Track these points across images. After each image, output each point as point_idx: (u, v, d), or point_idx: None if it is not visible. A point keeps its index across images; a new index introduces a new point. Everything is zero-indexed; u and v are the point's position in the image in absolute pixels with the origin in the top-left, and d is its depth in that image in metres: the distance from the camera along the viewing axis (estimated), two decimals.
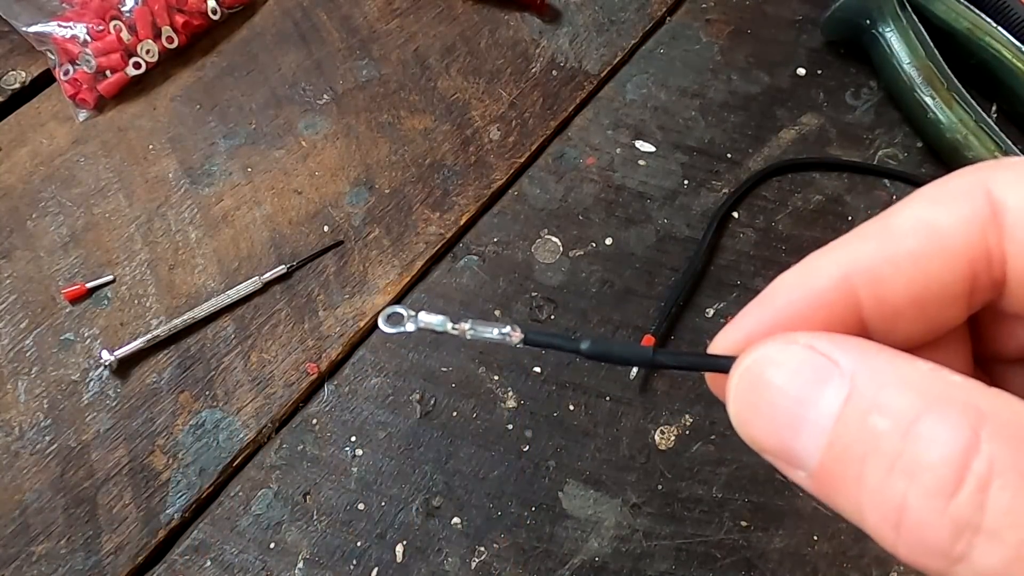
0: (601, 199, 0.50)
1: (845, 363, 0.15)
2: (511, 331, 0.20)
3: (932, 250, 0.16)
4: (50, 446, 0.42)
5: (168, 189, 0.50)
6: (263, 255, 0.48)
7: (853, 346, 0.15)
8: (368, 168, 0.51)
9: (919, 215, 0.16)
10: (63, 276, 0.47)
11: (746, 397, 0.16)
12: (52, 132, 0.52)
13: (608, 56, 0.56)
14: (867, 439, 0.14)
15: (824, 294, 0.17)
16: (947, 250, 0.16)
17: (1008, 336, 0.18)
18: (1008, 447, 0.13)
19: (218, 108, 0.53)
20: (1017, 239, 0.15)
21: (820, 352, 0.15)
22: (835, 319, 0.17)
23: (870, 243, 0.16)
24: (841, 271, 0.17)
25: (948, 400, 0.14)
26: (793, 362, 0.15)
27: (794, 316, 0.17)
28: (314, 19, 0.57)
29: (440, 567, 0.40)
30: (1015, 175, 0.16)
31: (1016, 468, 0.13)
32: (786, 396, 0.15)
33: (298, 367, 0.44)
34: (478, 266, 0.48)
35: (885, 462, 0.14)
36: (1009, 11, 0.52)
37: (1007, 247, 0.16)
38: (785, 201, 0.50)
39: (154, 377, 0.44)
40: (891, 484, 0.14)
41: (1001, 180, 0.16)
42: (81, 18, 0.52)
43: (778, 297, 0.18)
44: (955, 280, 0.16)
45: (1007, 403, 0.14)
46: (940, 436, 0.13)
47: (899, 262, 0.16)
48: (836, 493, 0.15)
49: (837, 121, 0.54)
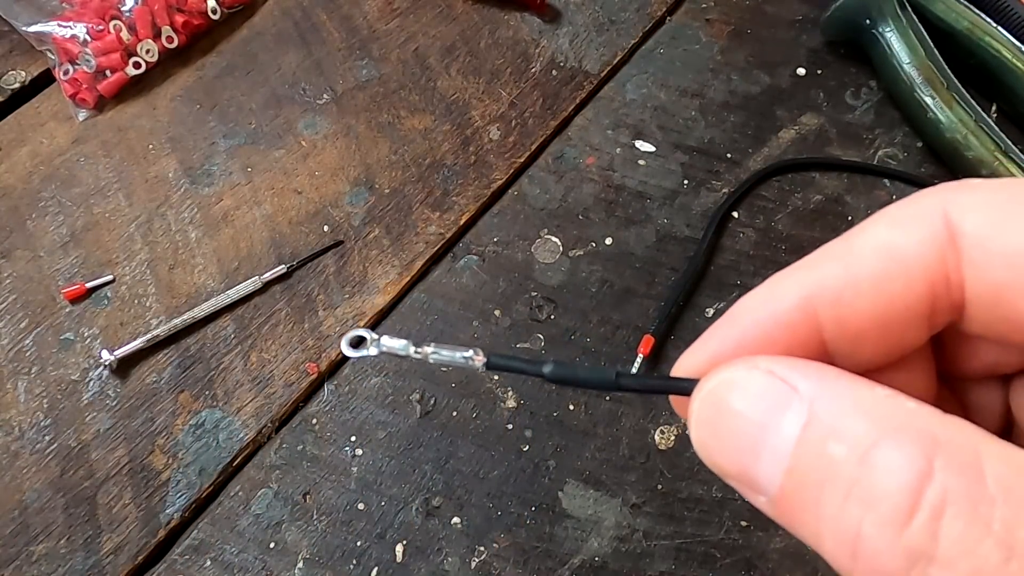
0: (601, 199, 0.50)
1: (804, 388, 0.15)
2: (474, 355, 0.19)
3: (892, 273, 0.16)
4: (50, 446, 0.42)
5: (168, 189, 0.50)
6: (263, 255, 0.48)
7: (813, 371, 0.15)
8: (368, 168, 0.51)
9: (880, 238, 0.16)
10: (63, 276, 0.47)
11: (708, 421, 0.16)
12: (52, 132, 0.52)
13: (608, 56, 0.56)
14: (825, 466, 0.14)
15: (786, 316, 0.17)
16: (907, 273, 0.16)
17: (970, 355, 0.18)
18: (961, 476, 0.13)
19: (218, 108, 0.53)
20: (974, 264, 0.15)
21: (780, 377, 0.15)
22: (797, 341, 0.17)
23: (831, 265, 0.17)
24: (803, 293, 0.17)
25: (904, 428, 0.14)
26: (754, 387, 0.15)
27: (757, 339, 0.17)
28: (314, 19, 0.57)
29: (440, 567, 0.40)
30: (973, 199, 0.16)
31: (969, 497, 0.13)
32: (747, 421, 0.15)
33: (298, 367, 0.44)
34: (478, 266, 0.48)
35: (842, 489, 0.14)
36: (1009, 11, 0.52)
37: (965, 271, 0.16)
38: (785, 201, 0.50)
39: (154, 377, 0.44)
40: (847, 512, 0.14)
41: (959, 203, 0.16)
42: (81, 18, 0.52)
43: (740, 319, 0.18)
44: (915, 303, 0.16)
45: (962, 430, 0.14)
46: (895, 464, 0.13)
47: (859, 285, 0.16)
48: (795, 519, 0.15)
49: (837, 121, 0.54)
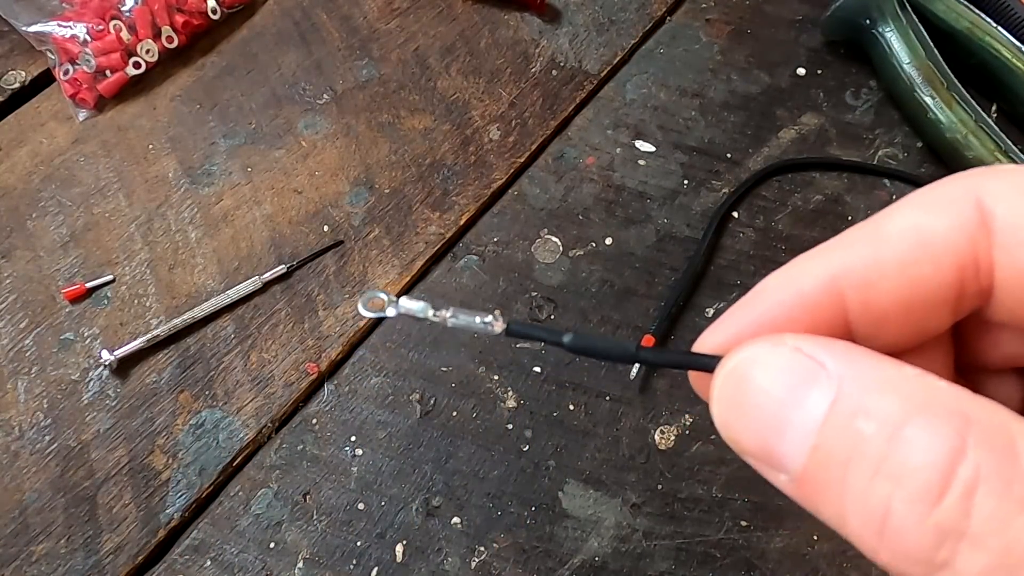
0: (601, 199, 0.50)
1: (832, 366, 0.14)
2: (493, 320, 0.19)
3: (921, 257, 0.16)
4: (50, 446, 0.42)
5: (168, 189, 0.50)
6: (263, 255, 0.48)
7: (840, 350, 0.15)
8: (368, 168, 0.51)
9: (909, 221, 0.16)
10: (63, 276, 0.47)
11: (730, 398, 0.16)
12: (52, 132, 0.52)
13: (608, 56, 0.56)
14: (852, 443, 0.14)
15: (811, 296, 0.17)
16: (935, 258, 0.16)
17: (992, 345, 0.18)
18: (994, 454, 0.13)
19: (218, 108, 0.53)
20: (1006, 249, 0.15)
21: (807, 354, 0.15)
22: (821, 322, 0.17)
23: (859, 247, 0.16)
24: (829, 274, 0.17)
25: (935, 406, 0.13)
26: (779, 364, 0.15)
27: (780, 317, 0.17)
28: (314, 19, 0.57)
29: (440, 567, 0.40)
30: (1006, 184, 0.16)
31: (1002, 475, 0.13)
32: (771, 398, 0.15)
33: (298, 367, 0.44)
34: (478, 266, 0.48)
35: (870, 466, 0.13)
36: (1009, 11, 0.52)
37: (996, 256, 0.15)
38: (785, 201, 0.50)
39: (154, 377, 0.44)
40: (875, 489, 0.13)
41: (992, 189, 0.16)
42: (81, 18, 0.52)
43: (765, 298, 0.17)
44: (942, 287, 0.16)
45: (994, 410, 0.13)
46: (926, 441, 0.13)
47: (887, 268, 0.16)
48: (819, 498, 0.15)
49: (837, 121, 0.54)
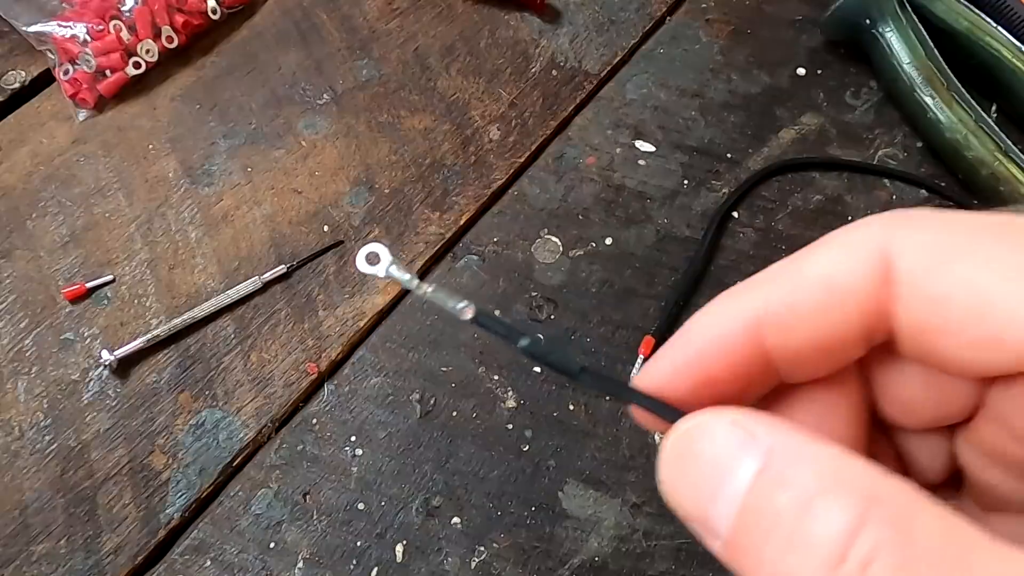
0: (601, 199, 0.50)
1: (763, 439, 0.16)
2: (464, 307, 0.20)
3: (830, 303, 0.17)
4: (50, 446, 0.42)
5: (168, 189, 0.50)
6: (263, 255, 0.48)
7: (772, 424, 0.16)
8: (368, 168, 0.51)
9: (821, 267, 0.17)
10: (63, 276, 0.47)
11: (675, 464, 0.17)
12: (52, 132, 0.52)
13: (608, 56, 0.56)
14: (771, 513, 0.15)
15: (734, 337, 0.18)
16: (843, 304, 0.17)
17: (911, 406, 0.19)
18: (893, 531, 0.13)
19: (218, 108, 0.53)
20: (904, 302, 0.16)
21: (743, 427, 0.16)
22: (744, 360, 0.18)
23: (776, 290, 0.18)
24: (749, 316, 0.18)
25: (844, 481, 0.14)
26: (719, 434, 0.16)
27: (708, 356, 0.18)
28: (314, 19, 0.57)
29: (440, 567, 0.40)
30: (913, 238, 0.16)
31: (897, 552, 0.13)
32: (709, 465, 0.16)
33: (298, 367, 0.44)
34: (478, 266, 0.48)
35: (784, 536, 0.15)
36: (1009, 11, 0.52)
37: (896, 307, 0.17)
38: (785, 201, 0.50)
39: (154, 377, 0.44)
40: (786, 558, 0.14)
41: (899, 240, 0.16)
42: (81, 18, 0.52)
43: (694, 337, 0.19)
44: (851, 331, 0.17)
45: (900, 490, 0.14)
46: (831, 515, 0.14)
47: (800, 312, 0.17)
48: (742, 563, 0.15)
49: (837, 121, 0.54)
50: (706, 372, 0.18)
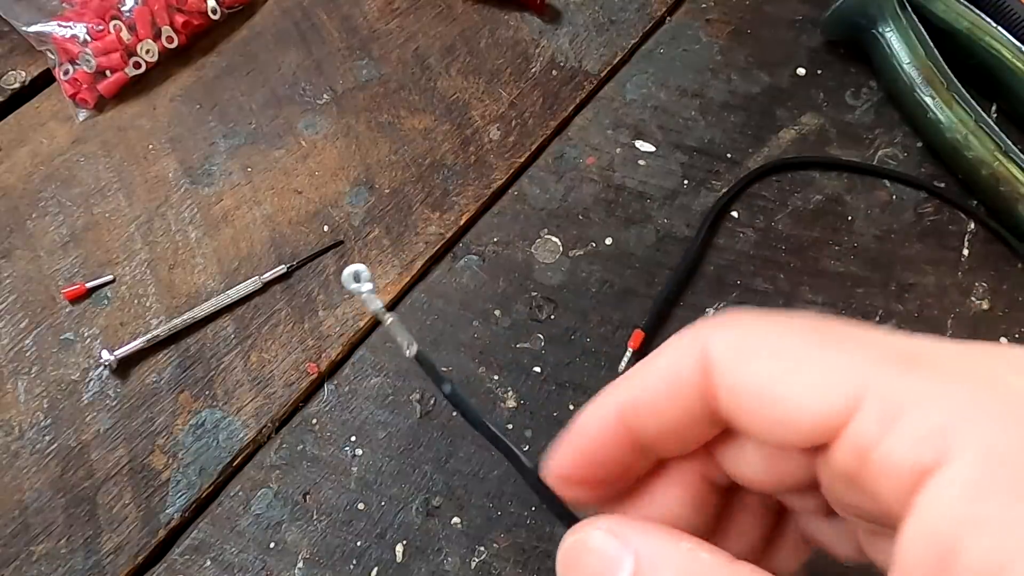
0: (601, 199, 0.50)
1: (634, 544, 0.19)
2: (408, 345, 0.23)
3: (670, 394, 0.21)
4: (50, 446, 0.42)
5: (168, 189, 0.50)
6: (263, 255, 0.48)
7: (641, 530, 0.19)
8: (368, 168, 0.51)
9: (663, 363, 0.21)
10: (63, 276, 0.47)
11: (566, 573, 0.20)
12: (52, 132, 0.52)
13: (608, 56, 0.56)
14: None
15: (608, 428, 0.22)
16: (683, 395, 0.20)
17: (744, 458, 0.22)
18: None
19: (218, 108, 0.53)
20: (719, 390, 0.19)
21: (615, 535, 0.19)
22: (620, 444, 0.22)
23: (634, 385, 0.22)
24: (617, 409, 0.22)
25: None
26: (598, 545, 0.19)
27: (592, 445, 0.22)
28: (314, 19, 0.57)
29: (440, 567, 0.40)
30: (724, 333, 0.20)
31: None
32: (591, 572, 0.19)
33: (298, 367, 0.44)
34: (478, 266, 0.48)
35: None
36: (1009, 11, 0.52)
37: (717, 396, 0.20)
38: (785, 201, 0.50)
39: (154, 377, 0.44)
40: None
41: (714, 337, 0.20)
42: (81, 18, 0.52)
43: (580, 429, 0.23)
44: (696, 417, 0.20)
45: None
46: None
47: (650, 402, 0.21)
48: None
49: (837, 121, 0.54)
50: (594, 456, 0.22)
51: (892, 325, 0.46)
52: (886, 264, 0.48)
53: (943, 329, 0.46)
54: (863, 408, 0.17)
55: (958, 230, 0.49)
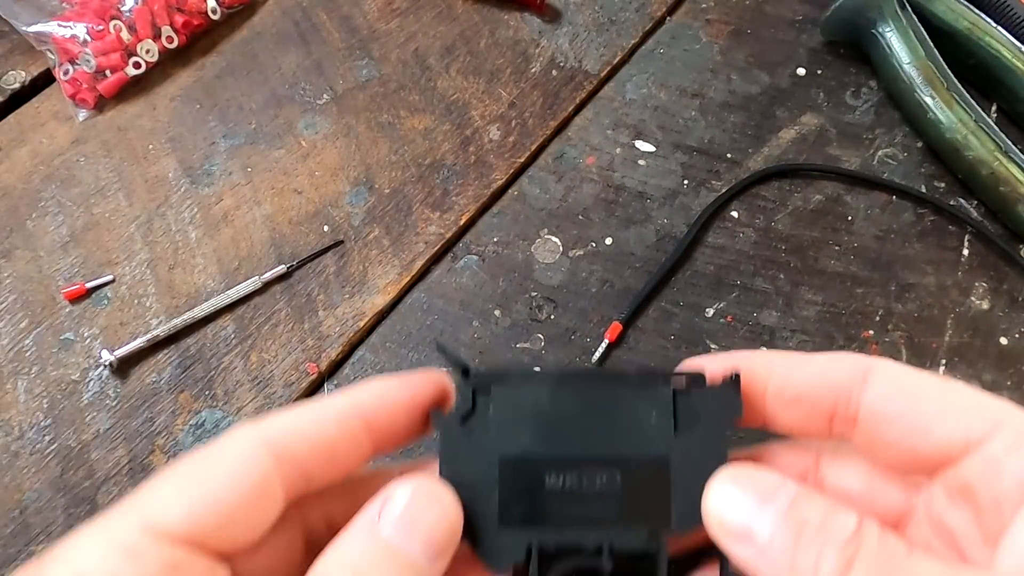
0: (601, 199, 0.50)
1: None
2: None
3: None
4: (50, 446, 0.42)
5: (168, 189, 0.50)
6: (263, 255, 0.48)
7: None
8: (368, 168, 0.51)
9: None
10: (63, 276, 0.47)
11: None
12: (52, 132, 0.52)
13: (608, 56, 0.56)
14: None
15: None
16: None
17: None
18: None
19: (218, 108, 0.53)
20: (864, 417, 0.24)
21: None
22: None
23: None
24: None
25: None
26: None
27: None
28: (314, 19, 0.57)
29: None
30: (886, 367, 0.24)
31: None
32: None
33: (298, 367, 0.44)
34: (478, 266, 0.48)
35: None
36: (1009, 11, 0.52)
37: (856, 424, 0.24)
38: (785, 201, 0.50)
39: (154, 377, 0.44)
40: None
41: (876, 370, 0.24)
42: (81, 18, 0.52)
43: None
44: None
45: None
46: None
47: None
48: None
49: (837, 121, 0.54)
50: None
51: (892, 325, 0.46)
52: (886, 264, 0.48)
53: (943, 329, 0.46)
54: (1000, 432, 0.21)
55: (958, 230, 0.49)
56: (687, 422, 0.25)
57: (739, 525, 0.22)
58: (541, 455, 0.26)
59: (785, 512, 0.21)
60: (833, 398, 0.24)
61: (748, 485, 0.22)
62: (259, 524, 0.23)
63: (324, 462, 0.24)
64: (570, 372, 0.27)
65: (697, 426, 0.25)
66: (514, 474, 0.26)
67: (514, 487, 0.26)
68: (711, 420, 0.25)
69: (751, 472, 0.23)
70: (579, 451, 0.26)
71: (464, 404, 0.27)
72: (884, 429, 0.23)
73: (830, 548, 0.20)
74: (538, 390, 0.26)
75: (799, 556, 0.20)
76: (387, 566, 0.22)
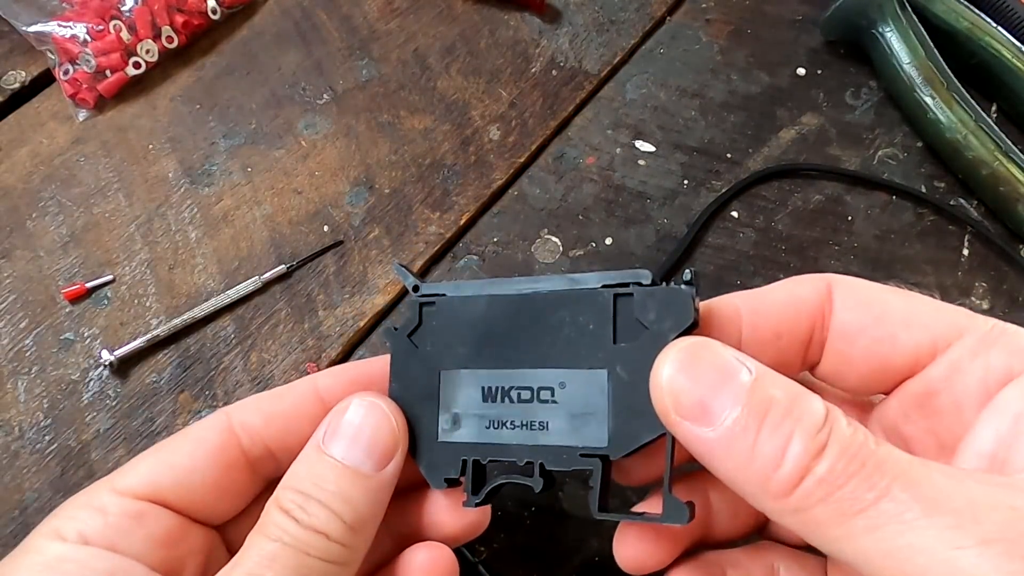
0: (601, 199, 0.50)
1: (751, 363, 0.22)
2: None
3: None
4: (50, 446, 0.42)
5: (168, 189, 0.50)
6: (263, 255, 0.48)
7: (750, 356, 0.22)
8: (368, 168, 0.51)
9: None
10: (63, 276, 0.47)
11: (686, 365, 0.23)
12: (52, 132, 0.52)
13: (608, 56, 0.56)
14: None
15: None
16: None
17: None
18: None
19: (218, 108, 0.53)
20: (836, 322, 0.24)
21: (735, 351, 0.22)
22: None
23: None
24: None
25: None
26: (720, 350, 0.22)
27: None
28: (314, 19, 0.57)
29: None
30: (845, 281, 0.25)
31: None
32: (714, 369, 0.22)
33: (298, 367, 0.44)
34: (478, 266, 0.48)
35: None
36: (1009, 11, 0.52)
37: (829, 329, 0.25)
38: (785, 201, 0.50)
39: (154, 377, 0.44)
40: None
41: (837, 283, 0.25)
42: (81, 18, 0.52)
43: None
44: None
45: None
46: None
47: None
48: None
49: (837, 121, 0.54)
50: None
51: None
52: (886, 264, 0.48)
53: None
54: (964, 337, 0.22)
55: (958, 230, 0.49)
56: (628, 331, 0.23)
57: (694, 404, 0.20)
58: (478, 368, 0.25)
59: (749, 390, 0.19)
60: (810, 324, 0.24)
61: (706, 360, 0.20)
62: (225, 487, 0.26)
63: (281, 431, 0.26)
64: (512, 282, 0.25)
65: (641, 335, 0.23)
66: (452, 389, 0.25)
67: (452, 402, 0.25)
68: (658, 328, 0.23)
69: (710, 345, 0.21)
70: (517, 364, 0.24)
71: (412, 318, 0.27)
72: (853, 341, 0.23)
73: (799, 434, 0.18)
74: (479, 300, 0.25)
75: (763, 441, 0.19)
76: (333, 477, 0.23)
